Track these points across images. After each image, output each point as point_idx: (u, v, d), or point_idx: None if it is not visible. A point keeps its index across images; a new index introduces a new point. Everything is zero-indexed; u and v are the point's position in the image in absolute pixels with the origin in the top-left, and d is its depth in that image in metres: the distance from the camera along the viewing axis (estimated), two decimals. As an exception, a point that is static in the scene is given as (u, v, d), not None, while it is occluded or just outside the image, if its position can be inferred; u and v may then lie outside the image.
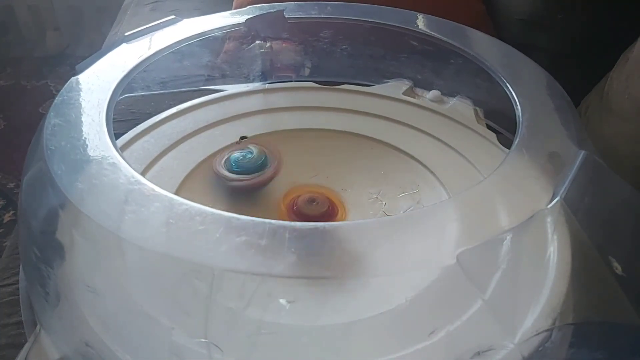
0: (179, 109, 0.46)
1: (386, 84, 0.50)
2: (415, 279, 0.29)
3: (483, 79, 0.40)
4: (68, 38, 1.44)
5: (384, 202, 0.39)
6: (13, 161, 1.07)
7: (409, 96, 0.49)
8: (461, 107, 0.47)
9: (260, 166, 0.39)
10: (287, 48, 0.50)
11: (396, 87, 0.49)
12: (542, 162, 0.29)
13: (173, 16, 0.44)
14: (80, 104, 0.33)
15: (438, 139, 0.43)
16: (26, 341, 0.29)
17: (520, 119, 0.33)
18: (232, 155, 0.39)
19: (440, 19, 0.46)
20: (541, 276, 0.28)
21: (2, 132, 1.16)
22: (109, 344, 0.27)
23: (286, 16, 0.46)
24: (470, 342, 0.27)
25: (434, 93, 0.48)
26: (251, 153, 0.39)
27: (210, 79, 0.50)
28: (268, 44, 0.49)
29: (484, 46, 0.43)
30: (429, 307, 0.29)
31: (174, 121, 0.44)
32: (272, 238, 0.24)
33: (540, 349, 0.26)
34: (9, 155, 1.09)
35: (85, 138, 0.30)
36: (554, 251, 0.29)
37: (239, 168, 0.39)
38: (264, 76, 0.51)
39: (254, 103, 0.48)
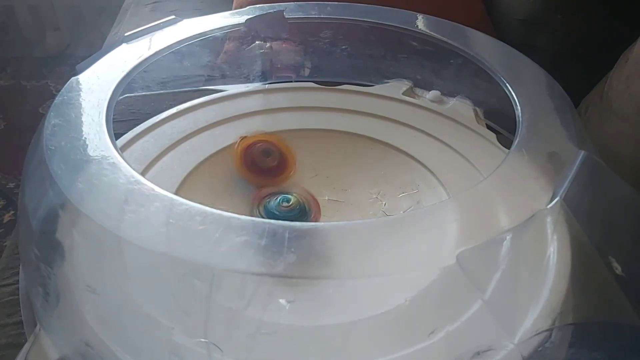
0: (179, 109, 0.46)
1: (386, 84, 0.50)
2: (415, 279, 0.29)
3: (483, 79, 0.40)
4: (68, 38, 1.44)
5: (384, 202, 0.39)
6: (13, 161, 1.07)
7: (408, 96, 0.49)
8: (461, 107, 0.47)
9: (300, 214, 0.36)
10: (287, 48, 0.50)
11: (396, 87, 0.49)
12: (542, 162, 0.29)
13: (173, 16, 0.44)
14: (80, 104, 0.33)
15: (438, 139, 0.43)
16: (26, 341, 0.29)
17: (520, 119, 0.33)
18: (269, 203, 0.36)
19: (440, 19, 0.46)
20: (541, 276, 0.28)
21: (2, 132, 1.16)
22: (108, 343, 0.27)
23: (286, 16, 0.46)
24: (470, 342, 0.27)
25: (433, 93, 0.48)
26: (288, 200, 0.36)
27: (210, 79, 0.50)
28: (268, 44, 0.49)
29: (484, 46, 0.43)
30: (428, 307, 0.29)
31: (174, 121, 0.44)
32: (272, 238, 0.24)
33: (539, 349, 0.26)
34: (9, 155, 1.09)
35: (85, 138, 0.30)
36: (553, 251, 0.29)
37: (278, 216, 0.36)
38: (264, 76, 0.51)
39: (254, 103, 0.48)
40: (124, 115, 0.50)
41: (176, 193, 0.36)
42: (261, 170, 0.39)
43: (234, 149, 0.40)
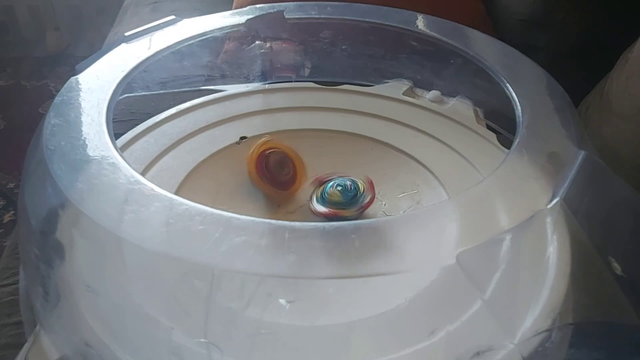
0: (179, 109, 0.46)
1: (386, 84, 0.50)
2: (415, 279, 0.29)
3: (483, 79, 0.40)
4: (68, 38, 1.44)
5: (383, 203, 0.39)
6: (13, 161, 1.07)
7: (408, 96, 0.49)
8: (461, 107, 0.47)
9: (354, 199, 0.37)
10: (287, 48, 0.50)
11: (396, 88, 0.49)
12: (542, 163, 0.29)
13: (173, 16, 0.44)
14: (80, 103, 0.33)
15: (438, 139, 0.43)
16: (26, 341, 0.29)
17: (520, 119, 0.33)
18: (325, 189, 0.37)
19: (440, 19, 0.46)
20: (541, 276, 0.28)
21: (2, 132, 1.16)
22: (108, 343, 0.27)
23: (286, 16, 0.46)
24: (470, 342, 0.27)
25: (433, 93, 0.48)
26: (343, 185, 0.37)
27: (210, 79, 0.50)
28: (268, 44, 0.49)
29: (484, 46, 0.43)
30: (428, 307, 0.29)
31: (174, 121, 0.44)
32: (272, 238, 0.24)
33: (540, 349, 0.26)
34: (9, 155, 1.09)
35: (85, 138, 0.30)
36: (553, 251, 0.29)
37: (332, 202, 0.37)
38: (263, 76, 0.51)
39: (254, 103, 0.48)
40: (124, 115, 0.50)
41: (176, 193, 0.36)
42: (275, 182, 0.39)
43: (250, 156, 0.39)
